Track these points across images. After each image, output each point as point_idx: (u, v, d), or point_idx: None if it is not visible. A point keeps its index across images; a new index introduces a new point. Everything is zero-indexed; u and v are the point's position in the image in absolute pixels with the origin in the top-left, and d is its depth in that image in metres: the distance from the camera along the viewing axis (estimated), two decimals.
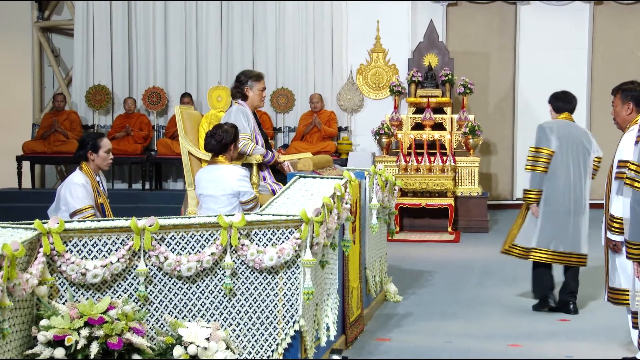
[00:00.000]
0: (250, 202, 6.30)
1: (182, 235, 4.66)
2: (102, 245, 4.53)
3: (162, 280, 4.66)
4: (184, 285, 4.70)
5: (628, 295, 5.18)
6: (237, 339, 4.77)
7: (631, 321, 5.25)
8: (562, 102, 7.06)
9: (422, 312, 6.94)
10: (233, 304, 4.77)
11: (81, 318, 4.29)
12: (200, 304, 4.73)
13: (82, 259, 4.47)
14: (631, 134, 5.17)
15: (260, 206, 5.73)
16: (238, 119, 6.86)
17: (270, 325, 4.79)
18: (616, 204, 5.13)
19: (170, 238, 4.65)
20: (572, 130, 6.97)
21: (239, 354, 4.73)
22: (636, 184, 4.59)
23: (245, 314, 4.78)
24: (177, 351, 4.46)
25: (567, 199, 6.84)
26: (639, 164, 4.57)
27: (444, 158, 11.32)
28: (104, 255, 4.53)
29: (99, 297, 4.53)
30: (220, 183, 6.29)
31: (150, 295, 4.65)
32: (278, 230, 4.77)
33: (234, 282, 4.74)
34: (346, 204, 5.39)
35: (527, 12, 13.46)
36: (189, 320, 4.68)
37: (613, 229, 5.17)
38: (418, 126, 12.21)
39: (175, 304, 4.69)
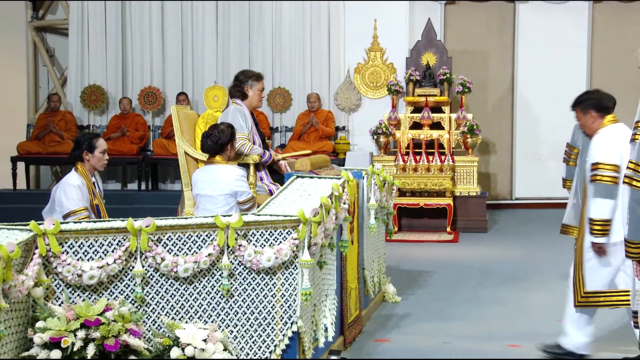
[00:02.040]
0: (247, 202, 6.26)
1: (179, 236, 4.63)
2: (99, 246, 4.49)
3: (159, 281, 4.63)
4: (181, 286, 4.66)
5: (601, 296, 5.28)
6: (234, 340, 4.73)
7: (632, 321, 5.23)
8: None
9: (420, 313, 6.91)
10: (230, 305, 4.73)
11: (77, 320, 4.26)
12: (198, 305, 4.70)
13: (78, 260, 4.44)
14: (599, 136, 5.40)
15: (258, 206, 5.69)
16: (236, 118, 6.84)
17: (268, 327, 4.76)
18: (594, 206, 5.24)
19: (167, 239, 4.61)
20: None
21: (236, 356, 4.70)
22: (634, 183, 4.56)
23: (243, 315, 4.74)
24: (175, 353, 4.43)
25: None
26: (637, 162, 4.55)
27: (443, 157, 11.28)
28: (100, 257, 4.49)
29: (95, 298, 4.50)
30: (217, 183, 6.25)
31: (147, 296, 4.61)
32: (276, 231, 4.74)
33: (231, 283, 4.71)
34: (344, 204, 5.35)
35: (526, 10, 13.43)
36: (186, 322, 4.65)
37: (595, 232, 5.25)
38: (416, 125, 12.17)
39: (172, 305, 4.65)
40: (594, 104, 5.59)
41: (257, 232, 4.72)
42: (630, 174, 4.56)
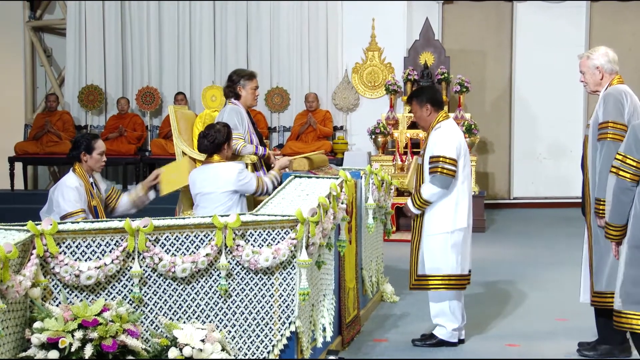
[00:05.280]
0: (258, 190, 6.23)
1: (177, 236, 4.62)
2: (96, 246, 4.48)
3: (156, 281, 4.62)
4: (179, 286, 4.65)
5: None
6: (232, 340, 4.72)
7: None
8: None
9: (418, 313, 6.89)
10: (228, 305, 4.72)
11: (75, 320, 4.25)
12: (196, 305, 4.69)
13: (75, 260, 4.43)
14: (440, 131, 5.83)
15: (256, 205, 5.68)
16: (231, 118, 6.81)
17: (266, 327, 4.75)
18: (427, 188, 5.82)
19: (165, 239, 4.60)
20: None
21: (234, 356, 4.69)
22: (621, 172, 4.85)
23: (241, 315, 4.74)
24: (172, 353, 4.42)
25: None
26: (624, 154, 4.82)
27: None
28: (97, 257, 4.48)
29: (93, 299, 4.48)
30: (218, 180, 6.19)
31: (145, 296, 4.60)
32: (273, 231, 4.73)
33: (229, 283, 4.70)
34: (342, 203, 5.35)
35: (524, 9, 13.43)
36: (184, 322, 4.64)
37: (416, 205, 5.94)
38: (414, 125, 12.15)
39: (170, 306, 4.64)
40: (430, 99, 5.95)
41: (255, 232, 4.72)
42: (618, 164, 4.85)
